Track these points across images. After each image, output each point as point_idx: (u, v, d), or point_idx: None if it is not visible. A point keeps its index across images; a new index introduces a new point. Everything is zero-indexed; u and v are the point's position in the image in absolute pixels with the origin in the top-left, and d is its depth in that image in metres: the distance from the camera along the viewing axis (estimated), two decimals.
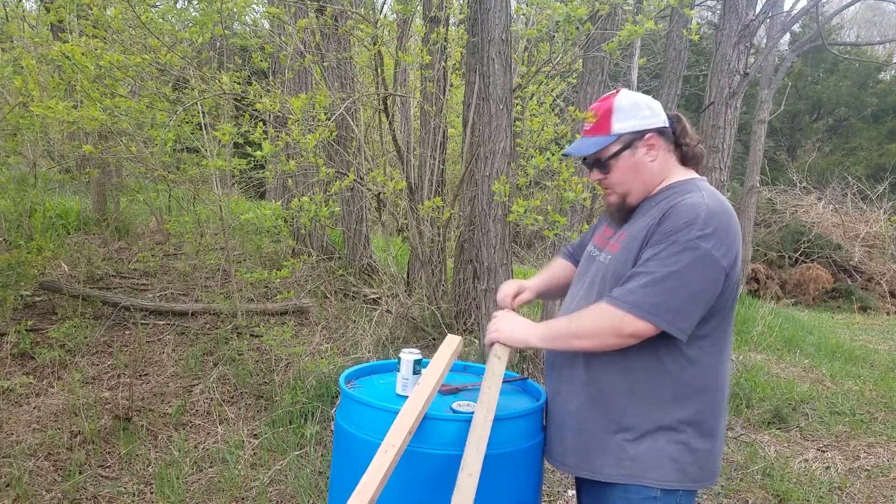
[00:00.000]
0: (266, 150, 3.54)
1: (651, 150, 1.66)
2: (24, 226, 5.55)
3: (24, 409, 3.73)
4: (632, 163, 1.67)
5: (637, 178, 1.67)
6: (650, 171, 1.67)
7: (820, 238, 12.18)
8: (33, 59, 4.74)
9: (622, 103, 1.66)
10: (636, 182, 1.68)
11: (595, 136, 1.69)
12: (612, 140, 1.66)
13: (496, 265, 3.92)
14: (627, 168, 1.67)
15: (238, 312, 4.69)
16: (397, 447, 1.48)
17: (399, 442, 1.49)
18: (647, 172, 1.67)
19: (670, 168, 1.69)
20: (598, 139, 1.68)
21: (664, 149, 1.68)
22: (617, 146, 1.67)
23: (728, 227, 1.51)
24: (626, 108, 1.66)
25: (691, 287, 1.48)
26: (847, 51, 18.97)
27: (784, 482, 3.45)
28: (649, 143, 1.66)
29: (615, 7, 4.07)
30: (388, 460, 1.46)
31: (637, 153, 1.66)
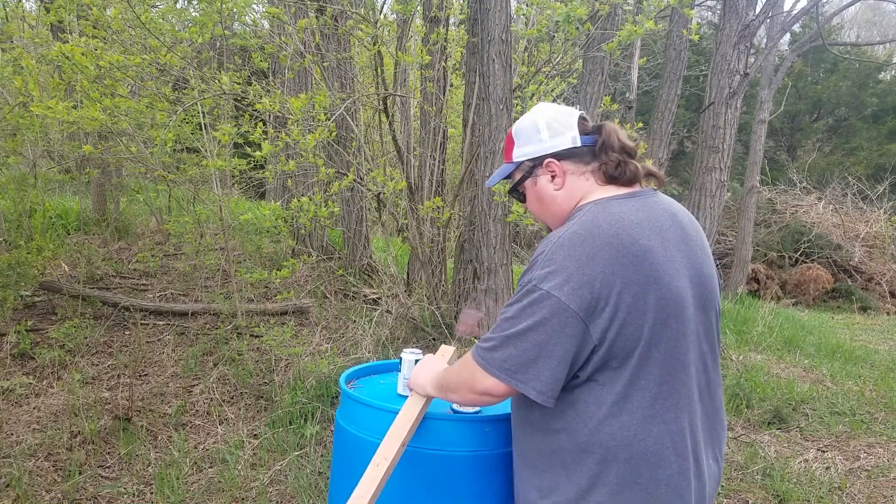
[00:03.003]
0: (266, 151, 3.54)
1: (555, 177, 1.47)
2: (24, 226, 5.55)
3: (24, 409, 3.73)
4: (535, 192, 1.51)
5: (544, 208, 1.51)
6: (555, 201, 1.48)
7: (820, 238, 12.18)
8: (33, 59, 4.74)
9: (520, 128, 1.51)
10: (545, 213, 1.52)
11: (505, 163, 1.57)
12: (513, 168, 1.54)
13: (496, 265, 3.92)
14: (533, 197, 1.53)
15: (238, 312, 4.69)
16: (390, 460, 1.47)
17: (392, 454, 1.48)
18: (552, 202, 1.48)
19: (586, 192, 1.45)
20: (503, 168, 1.57)
21: (574, 173, 1.46)
22: (518, 174, 1.54)
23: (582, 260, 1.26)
24: (524, 132, 1.51)
25: (534, 338, 1.27)
26: (847, 51, 18.97)
27: (784, 482, 3.45)
28: (550, 170, 1.47)
29: (615, 7, 4.07)
30: (379, 474, 1.45)
31: (539, 181, 1.50)
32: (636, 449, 1.30)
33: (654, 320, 1.28)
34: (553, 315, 1.25)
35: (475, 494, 1.64)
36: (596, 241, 1.29)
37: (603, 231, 1.30)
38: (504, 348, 1.30)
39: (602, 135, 1.46)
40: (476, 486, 1.64)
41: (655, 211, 1.39)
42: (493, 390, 1.32)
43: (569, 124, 1.47)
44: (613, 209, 1.36)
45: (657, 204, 1.43)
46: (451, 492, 1.62)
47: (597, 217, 1.34)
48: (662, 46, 8.93)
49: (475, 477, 1.64)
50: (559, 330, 1.25)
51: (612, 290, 1.26)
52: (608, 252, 1.27)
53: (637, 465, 1.30)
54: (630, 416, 1.30)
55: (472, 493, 1.64)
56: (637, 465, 1.30)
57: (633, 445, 1.30)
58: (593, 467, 1.31)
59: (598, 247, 1.28)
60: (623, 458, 1.30)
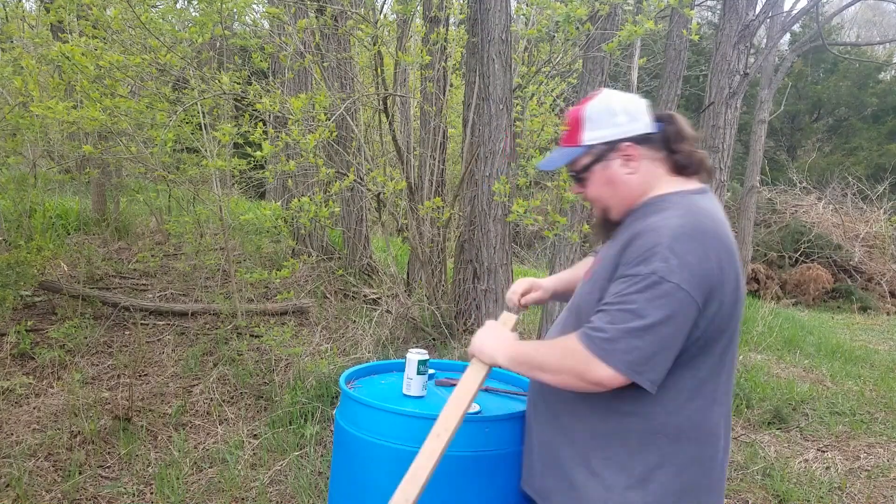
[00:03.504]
0: (266, 151, 3.54)
1: (628, 161, 1.47)
2: (24, 226, 5.54)
3: (24, 409, 3.73)
4: (605, 177, 1.50)
5: (613, 192, 1.50)
6: (628, 186, 1.48)
7: (820, 238, 12.18)
8: (33, 59, 4.74)
9: (593, 111, 1.49)
10: (613, 197, 1.51)
11: (567, 147, 1.54)
12: (582, 153, 1.50)
13: (496, 265, 3.92)
14: (601, 182, 1.50)
15: (238, 312, 4.69)
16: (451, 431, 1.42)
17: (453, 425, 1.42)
18: (624, 187, 1.49)
19: (657, 179, 1.48)
20: (568, 151, 1.53)
21: (648, 158, 1.48)
22: (587, 159, 1.50)
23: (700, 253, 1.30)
24: (597, 116, 1.49)
25: (663, 332, 1.28)
26: (847, 51, 18.96)
27: (784, 482, 3.45)
28: (625, 155, 1.47)
29: (615, 7, 4.07)
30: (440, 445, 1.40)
31: (611, 166, 1.49)
32: (703, 429, 1.40)
33: (737, 312, 1.39)
34: (682, 309, 1.28)
35: (475, 494, 1.64)
36: (706, 235, 1.33)
37: (707, 227, 1.34)
38: (627, 340, 1.29)
39: (674, 124, 1.49)
40: (476, 486, 1.64)
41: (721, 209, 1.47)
42: (608, 382, 1.31)
43: (643, 110, 1.50)
44: (702, 205, 1.41)
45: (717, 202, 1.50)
46: (451, 492, 1.62)
47: (694, 211, 1.38)
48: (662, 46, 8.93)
49: (475, 477, 1.64)
50: (685, 324, 1.30)
51: (721, 284, 1.32)
52: (716, 246, 1.33)
53: (702, 445, 1.40)
54: (703, 399, 1.39)
55: (473, 494, 1.64)
56: (702, 444, 1.40)
57: (702, 426, 1.39)
58: (665, 447, 1.37)
59: (708, 241, 1.32)
60: (693, 437, 1.39)
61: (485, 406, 1.76)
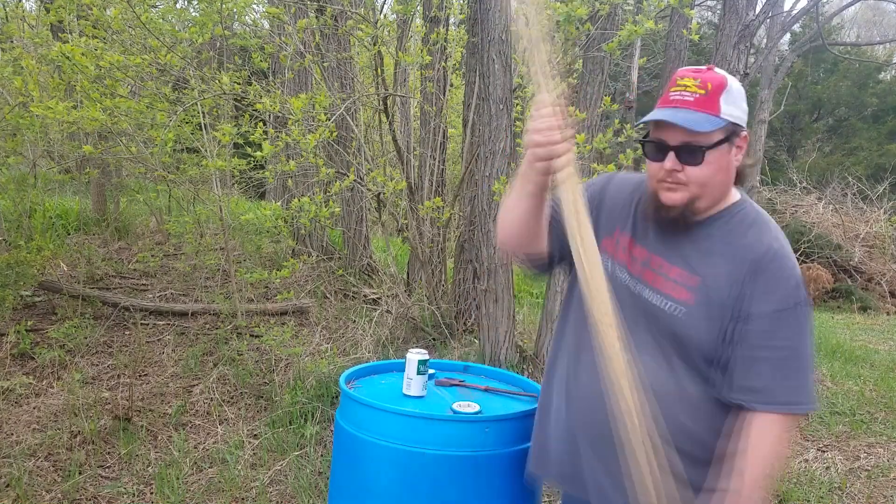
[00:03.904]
0: (266, 151, 3.54)
1: (739, 152, 1.34)
2: (24, 226, 5.54)
3: (24, 409, 3.73)
4: (725, 161, 1.32)
5: (722, 180, 1.34)
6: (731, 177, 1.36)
7: (820, 238, 12.17)
8: (33, 59, 4.74)
9: (734, 85, 1.31)
10: (717, 185, 1.34)
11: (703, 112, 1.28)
12: (722, 125, 1.29)
13: (496, 265, 3.91)
14: (718, 165, 1.31)
15: (238, 312, 4.69)
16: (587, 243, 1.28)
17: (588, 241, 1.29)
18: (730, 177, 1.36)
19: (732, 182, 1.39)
20: (710, 118, 1.28)
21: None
22: (720, 135, 1.29)
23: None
24: (735, 92, 1.32)
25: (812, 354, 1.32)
26: (847, 51, 18.97)
27: (784, 482, 3.45)
28: (740, 144, 1.34)
29: (615, 7, 4.07)
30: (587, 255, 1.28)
31: (733, 151, 1.33)
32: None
33: None
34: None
35: (475, 494, 1.64)
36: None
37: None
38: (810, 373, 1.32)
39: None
40: (476, 486, 1.64)
41: None
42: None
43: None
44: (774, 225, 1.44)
45: None
46: (451, 492, 1.62)
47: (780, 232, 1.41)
48: (662, 46, 8.93)
49: (475, 477, 1.64)
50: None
51: None
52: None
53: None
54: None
55: (473, 493, 1.64)
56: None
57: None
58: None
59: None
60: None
61: (485, 406, 1.76)
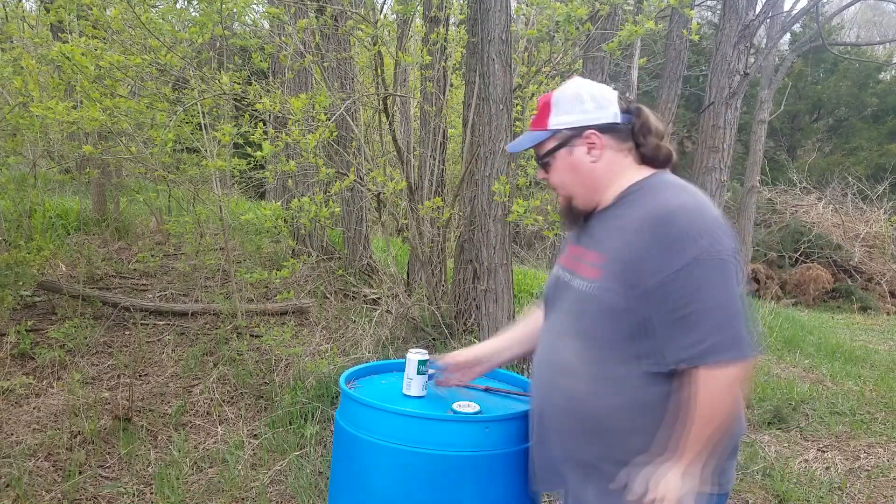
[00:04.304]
0: (266, 151, 3.54)
1: (592, 149, 1.48)
2: (24, 226, 5.54)
3: (24, 409, 3.73)
4: (568, 163, 1.50)
5: (576, 179, 1.51)
6: (591, 173, 1.49)
7: (820, 238, 12.18)
8: (33, 59, 4.73)
9: (562, 96, 1.50)
10: (576, 184, 1.51)
11: (534, 130, 1.54)
12: (547, 136, 1.51)
13: (496, 265, 3.91)
14: (565, 168, 1.51)
15: (238, 312, 4.69)
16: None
17: None
18: (588, 174, 1.49)
19: (623, 168, 1.49)
20: (535, 134, 1.53)
21: (613, 148, 1.48)
22: (552, 143, 1.51)
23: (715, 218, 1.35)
24: (565, 101, 1.50)
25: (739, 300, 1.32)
26: (847, 51, 18.96)
27: (784, 482, 3.45)
28: (589, 142, 1.48)
29: (615, 7, 4.07)
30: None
31: (575, 152, 1.49)
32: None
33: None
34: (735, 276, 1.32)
35: (475, 494, 1.64)
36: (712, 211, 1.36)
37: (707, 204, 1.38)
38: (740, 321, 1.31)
39: (640, 117, 1.50)
40: (476, 486, 1.64)
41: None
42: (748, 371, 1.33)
43: (611, 100, 1.50)
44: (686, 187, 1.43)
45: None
46: (451, 492, 1.62)
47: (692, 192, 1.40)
48: (662, 46, 8.92)
49: (475, 477, 1.64)
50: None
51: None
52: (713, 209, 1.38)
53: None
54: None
55: (473, 493, 1.64)
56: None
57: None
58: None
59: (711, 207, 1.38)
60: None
61: (485, 406, 1.76)
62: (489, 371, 1.90)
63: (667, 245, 1.32)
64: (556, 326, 1.54)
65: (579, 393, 1.44)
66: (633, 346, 1.39)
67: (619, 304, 1.38)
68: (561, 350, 1.49)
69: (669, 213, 1.34)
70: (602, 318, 1.41)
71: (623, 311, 1.37)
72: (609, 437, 1.43)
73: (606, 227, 1.46)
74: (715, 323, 1.30)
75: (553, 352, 1.52)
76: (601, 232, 1.47)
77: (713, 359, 1.30)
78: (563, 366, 1.48)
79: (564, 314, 1.51)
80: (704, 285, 1.30)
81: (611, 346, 1.40)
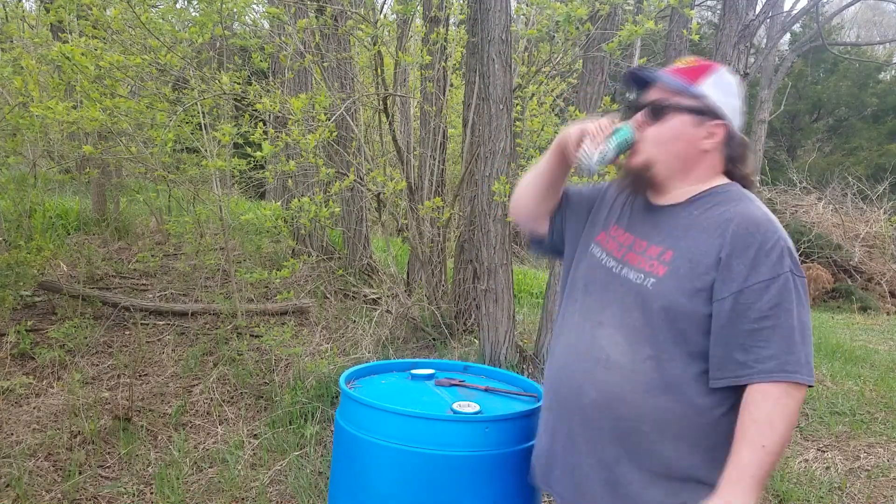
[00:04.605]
0: (266, 151, 3.54)
1: (710, 137, 1.40)
2: (24, 226, 5.54)
3: (24, 409, 3.73)
4: (684, 132, 1.40)
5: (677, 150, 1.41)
6: (693, 155, 1.41)
7: (820, 238, 12.17)
8: (33, 59, 4.73)
9: (724, 77, 1.43)
10: (672, 154, 1.41)
11: (679, 77, 1.41)
12: (693, 93, 1.39)
13: (496, 265, 3.91)
14: (675, 133, 1.40)
15: (238, 312, 4.69)
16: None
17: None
18: (691, 154, 1.41)
19: (714, 171, 1.43)
20: (680, 81, 1.40)
21: (719, 150, 1.42)
22: (689, 102, 1.39)
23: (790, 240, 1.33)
24: (726, 81, 1.43)
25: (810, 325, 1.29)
26: (847, 51, 18.98)
27: (784, 482, 3.45)
28: (713, 130, 1.40)
29: (615, 7, 4.07)
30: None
31: (699, 128, 1.40)
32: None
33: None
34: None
35: (475, 494, 1.64)
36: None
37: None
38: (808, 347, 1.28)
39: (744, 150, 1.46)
40: (476, 486, 1.64)
41: None
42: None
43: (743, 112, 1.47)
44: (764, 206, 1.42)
45: None
46: (450, 492, 1.62)
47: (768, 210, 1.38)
48: (662, 46, 8.93)
49: (475, 477, 1.64)
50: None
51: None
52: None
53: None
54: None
55: (472, 493, 1.64)
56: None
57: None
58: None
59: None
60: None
61: (485, 406, 1.76)
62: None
63: (753, 254, 1.27)
64: (595, 315, 1.44)
65: (619, 388, 1.36)
66: (687, 349, 1.33)
67: (681, 304, 1.32)
68: (601, 340, 1.40)
69: (757, 223, 1.30)
70: (659, 315, 1.34)
71: (683, 313, 1.32)
72: (644, 441, 1.35)
73: (677, 223, 1.39)
74: (792, 341, 1.25)
75: (590, 341, 1.42)
76: (670, 228, 1.40)
77: (787, 376, 1.24)
78: (603, 358, 1.39)
79: (608, 304, 1.43)
80: (786, 302, 1.25)
81: (664, 346, 1.33)
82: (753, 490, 1.23)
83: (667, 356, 1.33)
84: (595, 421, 1.39)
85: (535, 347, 4.32)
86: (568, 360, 1.47)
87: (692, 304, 1.31)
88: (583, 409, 1.41)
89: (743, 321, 1.26)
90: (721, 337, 1.29)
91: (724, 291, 1.28)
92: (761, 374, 1.24)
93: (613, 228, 1.51)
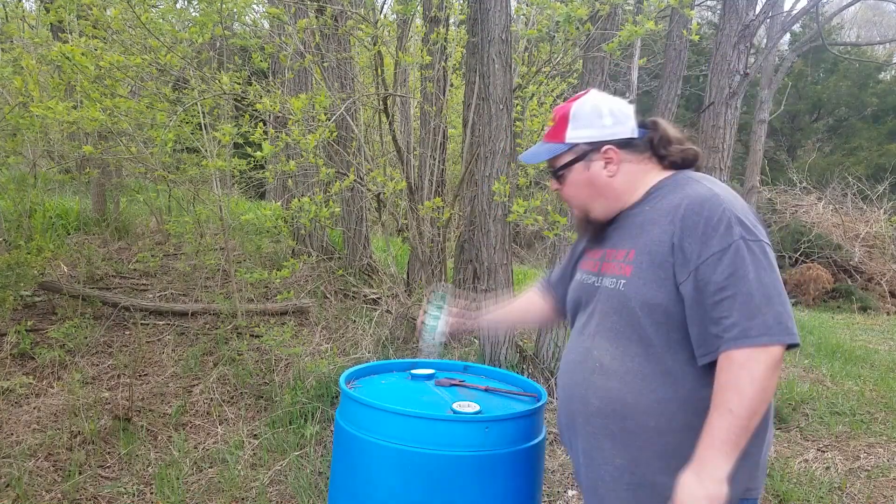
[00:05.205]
0: (266, 151, 3.54)
1: (609, 164, 1.48)
2: (24, 226, 5.54)
3: (24, 409, 3.73)
4: (585, 177, 1.50)
5: (593, 193, 1.50)
6: (610, 188, 1.49)
7: (820, 238, 12.17)
8: (33, 59, 4.73)
9: (581, 110, 1.49)
10: (593, 198, 1.51)
11: (549, 142, 1.53)
12: (565, 150, 1.50)
13: (496, 265, 3.91)
14: (581, 182, 1.50)
15: (238, 312, 4.69)
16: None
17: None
18: (606, 188, 1.49)
19: (645, 175, 1.49)
20: (551, 147, 1.52)
21: (631, 161, 1.48)
22: (568, 157, 1.50)
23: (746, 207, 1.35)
24: (584, 115, 1.49)
25: (781, 285, 1.29)
26: (847, 51, 18.98)
27: (784, 482, 3.45)
28: (607, 157, 1.47)
29: (615, 7, 4.07)
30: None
31: (592, 167, 1.49)
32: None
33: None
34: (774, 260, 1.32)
35: (475, 494, 1.64)
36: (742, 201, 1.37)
37: (736, 194, 1.38)
38: (780, 306, 1.28)
39: (658, 130, 1.50)
40: (476, 485, 1.64)
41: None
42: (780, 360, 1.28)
43: (629, 115, 1.50)
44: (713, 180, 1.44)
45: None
46: (451, 492, 1.62)
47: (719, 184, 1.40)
48: (662, 46, 8.93)
49: (475, 477, 1.64)
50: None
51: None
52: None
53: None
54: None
55: (472, 493, 1.64)
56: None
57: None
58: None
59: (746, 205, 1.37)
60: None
61: (485, 406, 1.76)
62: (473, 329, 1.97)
63: (701, 232, 1.30)
64: (588, 328, 1.50)
65: (616, 392, 1.40)
66: (672, 337, 1.35)
67: (654, 297, 1.35)
68: (594, 350, 1.46)
69: (701, 201, 1.34)
70: (637, 312, 1.38)
71: (658, 304, 1.35)
72: (654, 436, 1.37)
73: (633, 224, 1.46)
74: (752, 305, 1.25)
75: (584, 353, 1.48)
76: (628, 229, 1.47)
77: (750, 341, 1.25)
78: (597, 366, 1.44)
79: (595, 315, 1.48)
80: (741, 269, 1.26)
81: (648, 340, 1.37)
82: (726, 455, 1.24)
83: (653, 350, 1.37)
84: (604, 429, 1.42)
85: (535, 347, 4.32)
86: (569, 376, 1.54)
87: (663, 294, 1.35)
88: (590, 420, 1.45)
89: (705, 296, 1.29)
90: (694, 317, 1.32)
91: (684, 274, 1.32)
92: (727, 342, 1.26)
93: (588, 252, 1.61)
